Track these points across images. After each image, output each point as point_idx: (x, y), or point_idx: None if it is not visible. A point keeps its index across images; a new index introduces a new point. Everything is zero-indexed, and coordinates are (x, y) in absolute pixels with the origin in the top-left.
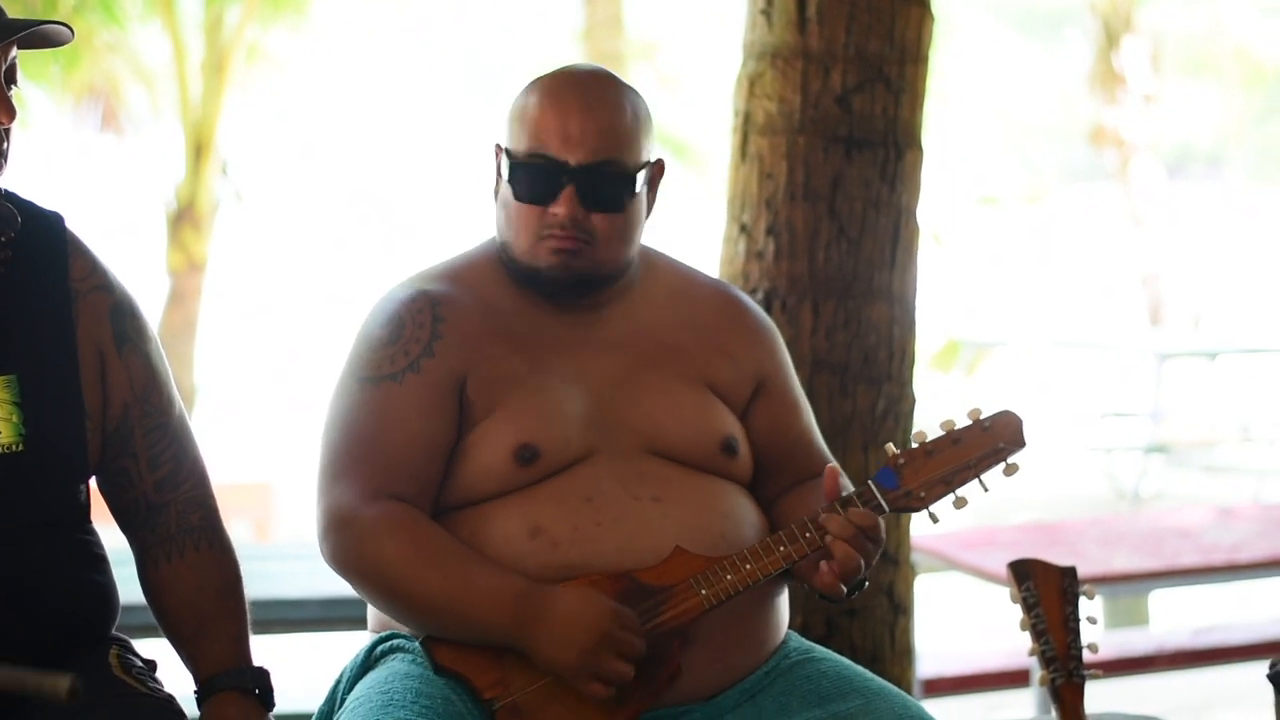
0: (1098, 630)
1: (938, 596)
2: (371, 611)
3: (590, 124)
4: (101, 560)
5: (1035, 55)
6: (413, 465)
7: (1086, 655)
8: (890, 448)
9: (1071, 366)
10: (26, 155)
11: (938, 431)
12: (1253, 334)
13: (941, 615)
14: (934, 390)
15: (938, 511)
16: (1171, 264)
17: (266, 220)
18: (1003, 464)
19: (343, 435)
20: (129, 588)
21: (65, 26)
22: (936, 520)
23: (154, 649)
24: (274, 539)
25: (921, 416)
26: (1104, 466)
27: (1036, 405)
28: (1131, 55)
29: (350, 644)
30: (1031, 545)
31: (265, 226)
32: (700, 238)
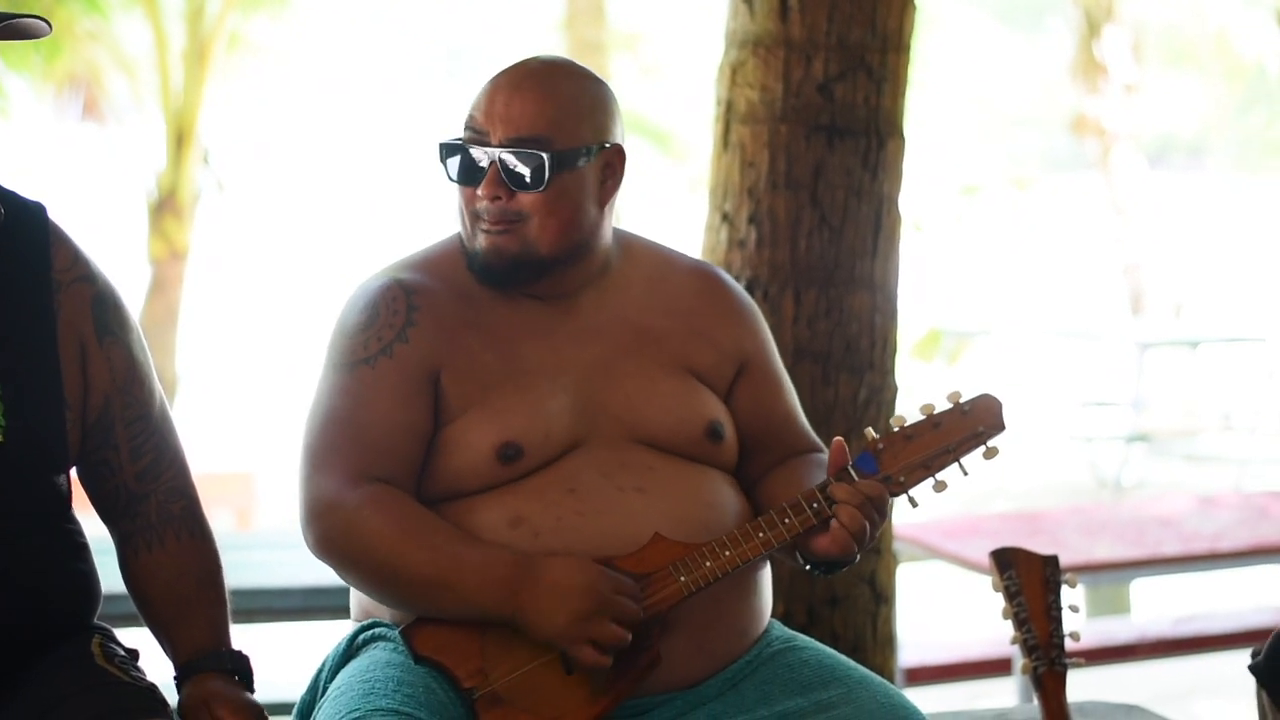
0: (1079, 619)
1: (920, 586)
2: (354, 600)
3: (516, 103)
4: (83, 549)
5: (1017, 44)
6: (390, 448)
7: (1069, 644)
8: (869, 432)
9: (1053, 355)
10: (7, 145)
11: (917, 416)
12: (1234, 323)
13: (923, 604)
14: (916, 379)
15: (917, 495)
16: (1153, 253)
17: (248, 209)
18: (982, 447)
19: (321, 422)
20: (112, 577)
21: (44, 21)
22: (916, 504)
23: (136, 638)
24: (256, 528)
25: (904, 405)
26: (1085, 455)
27: (1018, 394)
28: (1113, 45)
29: (333, 633)
30: (1013, 534)
31: (247, 216)
32: (683, 226)
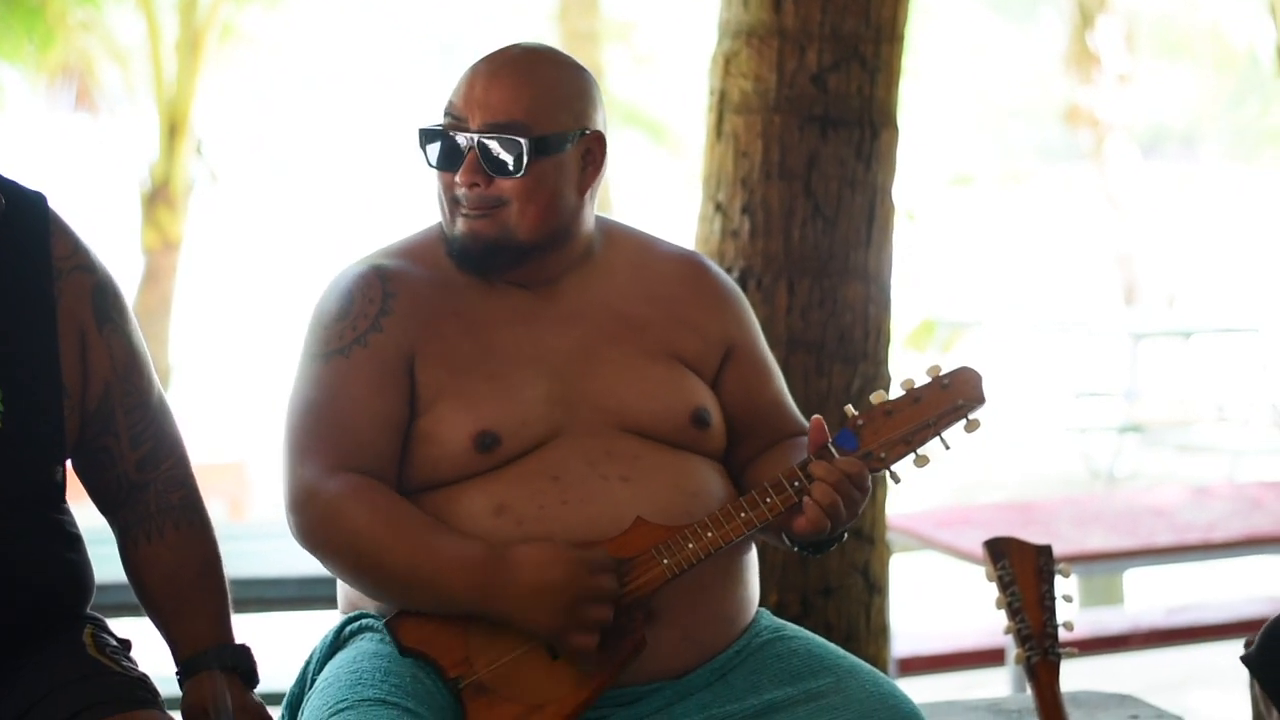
0: (1073, 609)
1: (913, 575)
2: (341, 591)
3: (495, 89)
4: (76, 539)
5: (1010, 35)
6: (369, 438)
7: (1062, 634)
8: (849, 409)
9: (1046, 346)
10: (1, 135)
11: (898, 391)
12: (1227, 314)
13: (917, 594)
14: (909, 369)
15: (900, 471)
16: (1146, 244)
17: (241, 199)
18: (963, 420)
19: (300, 412)
20: (104, 567)
21: None
22: (898, 480)
23: (129, 628)
24: (249, 518)
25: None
26: (1079, 446)
27: (1011, 385)
28: (1106, 35)
29: (326, 623)
30: (1006, 524)
31: (240, 206)
32: (676, 216)
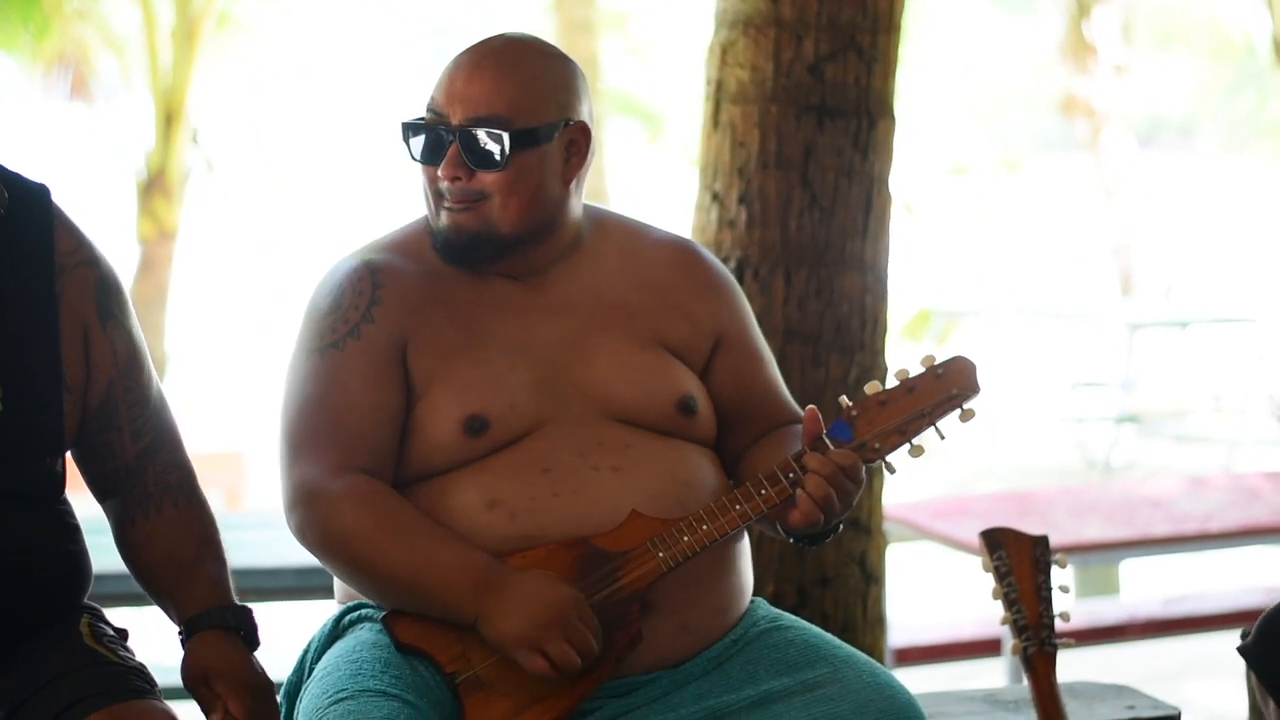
0: (1069, 599)
1: (909, 566)
2: (338, 582)
3: (475, 82)
4: (75, 530)
5: (1007, 24)
6: (366, 433)
7: (1059, 624)
8: (844, 400)
9: (1042, 336)
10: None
11: (892, 382)
12: (1224, 304)
13: (913, 585)
14: (905, 359)
15: (895, 462)
16: (1142, 234)
17: (237, 189)
18: (958, 410)
19: (297, 408)
20: (102, 557)
21: None
22: (893, 470)
23: (125, 618)
24: (246, 508)
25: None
26: (1075, 436)
27: (1008, 375)
28: (1103, 25)
29: (323, 613)
30: (1003, 515)
31: (236, 195)
32: (672, 206)
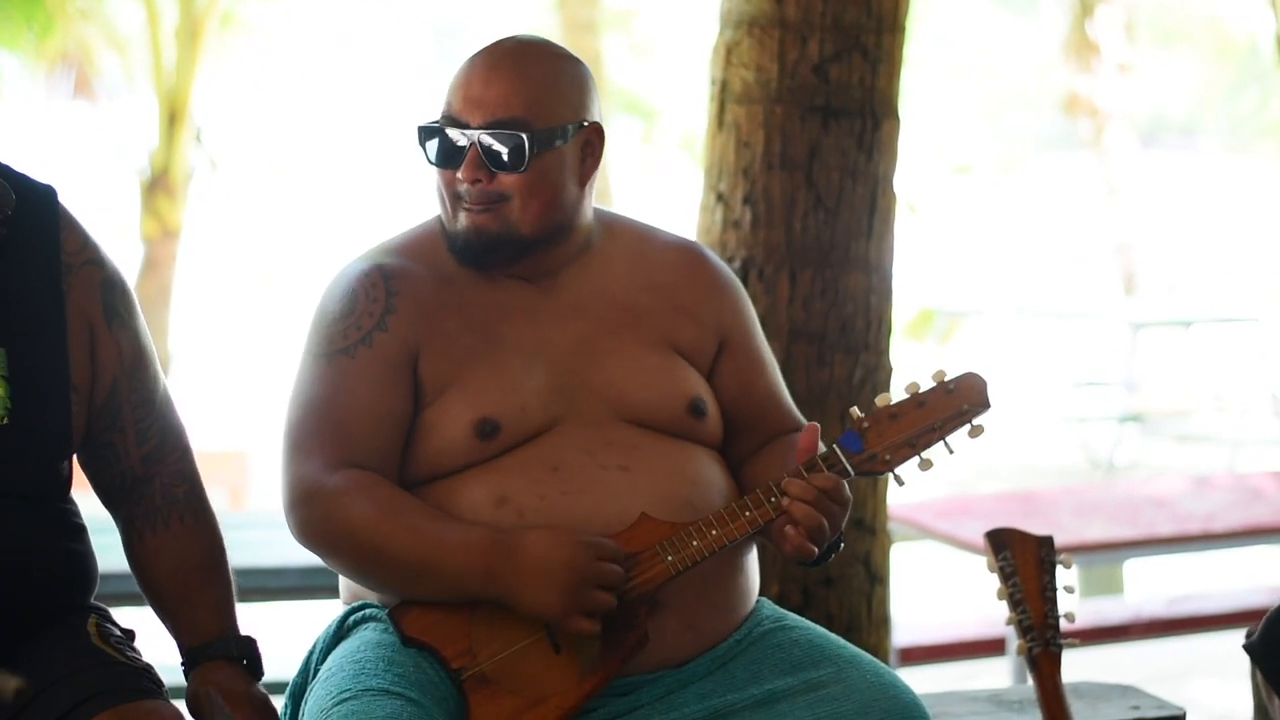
0: (1073, 599)
1: (914, 566)
2: (343, 582)
3: (493, 86)
4: (81, 530)
5: (1010, 24)
6: (370, 436)
7: (1064, 624)
8: (855, 411)
9: (1045, 336)
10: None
11: (902, 394)
12: (1226, 303)
13: (917, 584)
14: (908, 359)
15: (903, 474)
16: (1145, 233)
17: (240, 188)
18: (967, 426)
19: (301, 410)
20: (108, 557)
21: None
22: (902, 483)
23: (132, 618)
24: (249, 507)
25: (897, 385)
26: (1078, 436)
27: (1010, 374)
28: (1106, 24)
29: (328, 613)
30: (1007, 515)
31: (239, 194)
32: (676, 207)
